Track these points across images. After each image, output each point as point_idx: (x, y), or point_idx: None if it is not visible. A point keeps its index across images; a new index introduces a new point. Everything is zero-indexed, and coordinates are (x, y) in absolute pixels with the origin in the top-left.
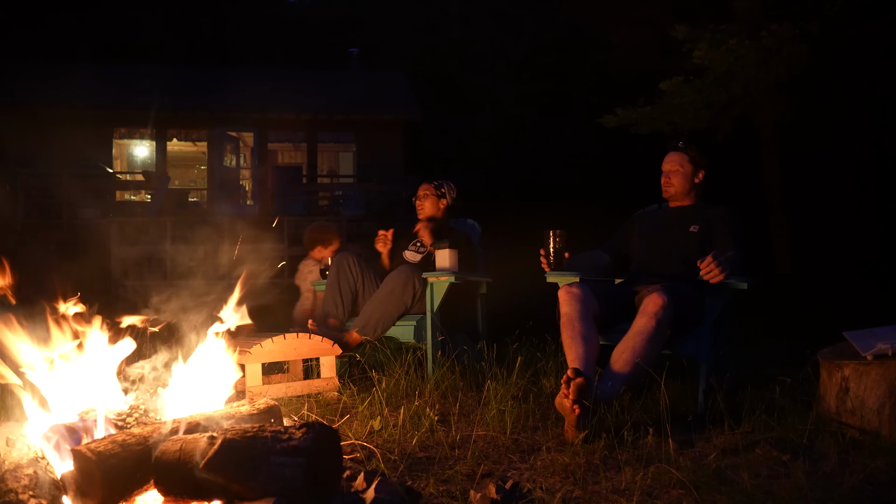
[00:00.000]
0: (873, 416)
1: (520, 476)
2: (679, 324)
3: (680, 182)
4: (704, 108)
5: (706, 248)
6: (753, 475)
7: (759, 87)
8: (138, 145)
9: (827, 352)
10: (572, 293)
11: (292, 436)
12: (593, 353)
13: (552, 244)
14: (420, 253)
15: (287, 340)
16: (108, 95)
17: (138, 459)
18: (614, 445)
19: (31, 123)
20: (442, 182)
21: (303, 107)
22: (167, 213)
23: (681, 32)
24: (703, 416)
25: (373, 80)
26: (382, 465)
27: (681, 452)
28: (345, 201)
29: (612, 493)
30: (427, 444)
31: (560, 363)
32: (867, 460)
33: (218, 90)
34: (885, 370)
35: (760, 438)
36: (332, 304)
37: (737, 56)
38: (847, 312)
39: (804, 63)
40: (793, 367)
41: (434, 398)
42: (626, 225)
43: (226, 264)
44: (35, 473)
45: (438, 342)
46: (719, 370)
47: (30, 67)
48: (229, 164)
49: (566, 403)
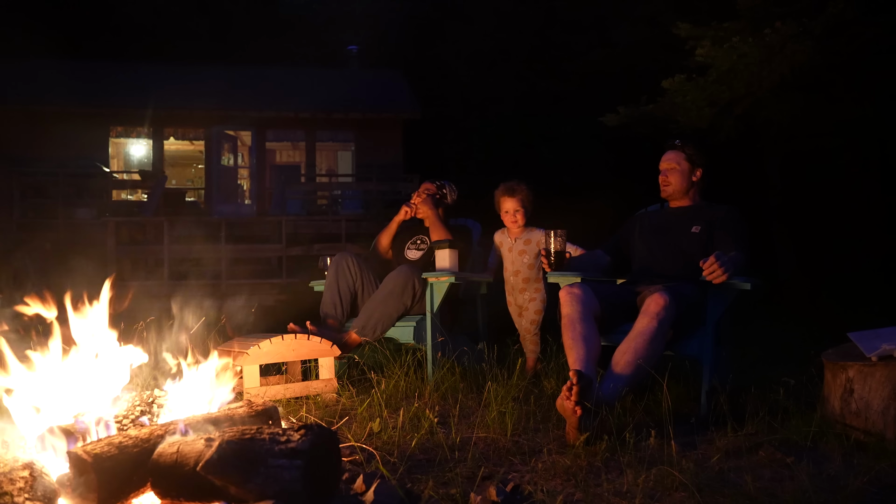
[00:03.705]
0: (878, 418)
1: (521, 478)
2: (681, 325)
3: (677, 180)
4: (707, 106)
5: (708, 249)
6: (757, 478)
7: (762, 85)
8: (135, 144)
9: (831, 353)
10: (573, 294)
11: (291, 438)
12: (595, 355)
13: (553, 244)
14: (420, 250)
15: (285, 342)
16: (104, 93)
17: (135, 462)
18: (616, 447)
19: (26, 122)
20: (444, 183)
21: (301, 105)
22: (164, 213)
23: (683, 30)
24: (706, 417)
25: (372, 78)
26: (382, 467)
27: (683, 454)
28: (343, 201)
29: (614, 495)
30: (427, 446)
31: (561, 364)
32: (872, 462)
33: (216, 88)
34: (890, 371)
35: (764, 440)
36: (331, 304)
37: (740, 54)
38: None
39: (808, 61)
40: (796, 369)
41: (434, 400)
42: (627, 225)
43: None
44: (30, 476)
45: (438, 343)
46: (722, 371)
47: (25, 65)
48: (227, 164)
49: (567, 405)
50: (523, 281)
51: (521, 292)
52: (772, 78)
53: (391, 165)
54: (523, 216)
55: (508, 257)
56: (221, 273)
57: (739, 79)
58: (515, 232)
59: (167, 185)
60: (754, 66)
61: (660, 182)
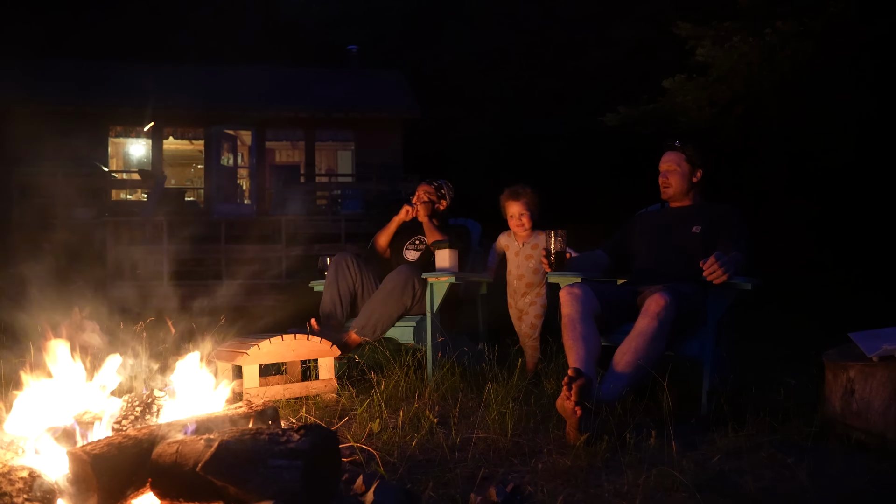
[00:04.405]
0: (879, 419)
1: (521, 479)
2: (682, 325)
3: (678, 182)
4: (708, 106)
5: (709, 249)
6: (757, 478)
7: (763, 84)
8: (134, 144)
9: (832, 353)
10: (574, 294)
11: (290, 438)
12: (595, 355)
13: (553, 244)
14: (419, 250)
15: (285, 342)
16: (103, 93)
17: (134, 462)
18: (616, 448)
19: (24, 121)
20: (441, 183)
21: (301, 105)
22: (163, 213)
23: (684, 30)
24: (707, 418)
25: (372, 77)
26: (382, 467)
27: (684, 455)
28: (343, 200)
29: (615, 496)
30: (427, 446)
31: (562, 364)
32: (873, 463)
33: (215, 88)
34: (891, 372)
35: (764, 441)
36: (331, 304)
37: (740, 53)
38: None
39: (809, 61)
40: (797, 369)
41: (434, 400)
42: (627, 226)
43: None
44: (29, 476)
45: (438, 343)
46: (723, 372)
47: (23, 64)
48: (226, 163)
49: (568, 405)
50: (526, 285)
51: (523, 296)
52: (772, 77)
53: (391, 165)
54: (529, 219)
55: (514, 261)
56: (221, 273)
57: (740, 78)
58: (522, 236)
59: (166, 184)
60: (755, 66)
61: (660, 183)
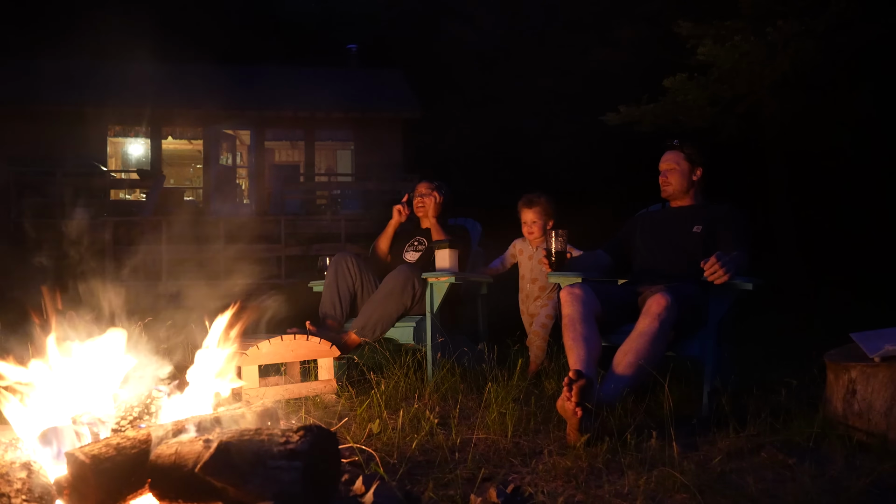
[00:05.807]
0: (881, 419)
1: (521, 480)
2: (683, 325)
3: (678, 181)
4: (709, 105)
5: (710, 249)
6: (759, 479)
7: (764, 83)
8: (133, 143)
9: (833, 353)
10: (574, 294)
11: (290, 439)
12: (595, 355)
13: (554, 244)
14: (418, 251)
15: (284, 342)
16: (102, 92)
17: (133, 463)
18: (617, 449)
19: (23, 121)
20: (441, 183)
21: (300, 104)
22: (162, 213)
23: (685, 28)
24: (708, 418)
25: (372, 77)
26: (381, 468)
27: (685, 456)
28: (343, 200)
29: (615, 497)
30: (427, 447)
31: (562, 365)
32: (874, 464)
33: (214, 87)
34: (893, 372)
35: (766, 442)
36: (330, 304)
37: (742, 52)
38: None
39: (810, 59)
40: (799, 369)
41: (434, 401)
42: (628, 225)
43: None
44: (28, 477)
45: (438, 344)
46: (724, 372)
47: (22, 64)
48: (225, 163)
49: (568, 406)
50: (539, 289)
51: (536, 300)
52: (773, 76)
53: (391, 165)
54: (539, 228)
55: (528, 265)
56: (220, 273)
57: (741, 77)
58: (536, 241)
59: (165, 184)
60: (756, 65)
61: (660, 183)
